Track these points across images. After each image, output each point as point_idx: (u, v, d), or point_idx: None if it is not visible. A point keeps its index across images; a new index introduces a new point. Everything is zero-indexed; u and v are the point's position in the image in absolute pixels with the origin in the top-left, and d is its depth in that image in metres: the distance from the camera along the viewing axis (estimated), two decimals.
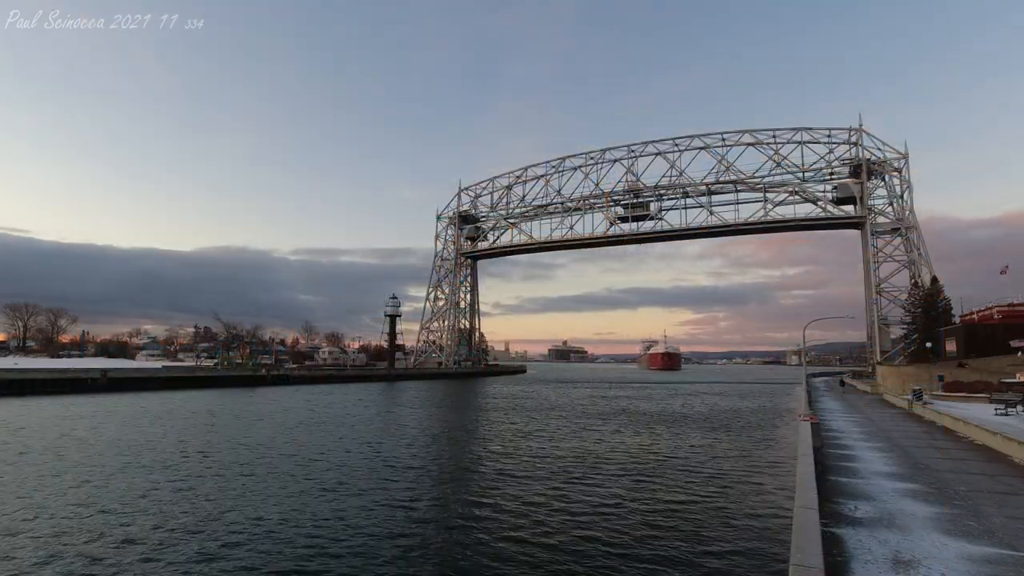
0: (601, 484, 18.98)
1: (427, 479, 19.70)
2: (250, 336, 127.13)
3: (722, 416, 43.43)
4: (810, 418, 18.83)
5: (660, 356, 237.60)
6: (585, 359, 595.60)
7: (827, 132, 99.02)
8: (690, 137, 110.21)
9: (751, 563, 11.56)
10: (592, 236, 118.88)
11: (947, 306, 66.26)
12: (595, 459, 23.85)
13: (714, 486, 18.76)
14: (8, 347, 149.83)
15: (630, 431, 33.64)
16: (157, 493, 16.78)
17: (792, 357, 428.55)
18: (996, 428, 18.38)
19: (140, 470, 20.09)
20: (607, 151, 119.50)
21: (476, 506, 16.06)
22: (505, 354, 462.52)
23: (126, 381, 63.78)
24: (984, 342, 46.87)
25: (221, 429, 31.69)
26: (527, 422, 38.00)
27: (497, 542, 12.90)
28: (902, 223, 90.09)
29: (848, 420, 27.25)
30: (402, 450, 25.57)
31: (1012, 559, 7.38)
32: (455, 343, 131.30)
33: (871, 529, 8.70)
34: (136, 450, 24.11)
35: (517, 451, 25.80)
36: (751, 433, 33.16)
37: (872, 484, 12.19)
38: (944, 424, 23.98)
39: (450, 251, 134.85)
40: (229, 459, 22.58)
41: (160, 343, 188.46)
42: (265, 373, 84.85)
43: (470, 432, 32.89)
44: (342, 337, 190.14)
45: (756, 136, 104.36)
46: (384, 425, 35.10)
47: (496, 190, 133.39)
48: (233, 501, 16.04)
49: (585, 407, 51.04)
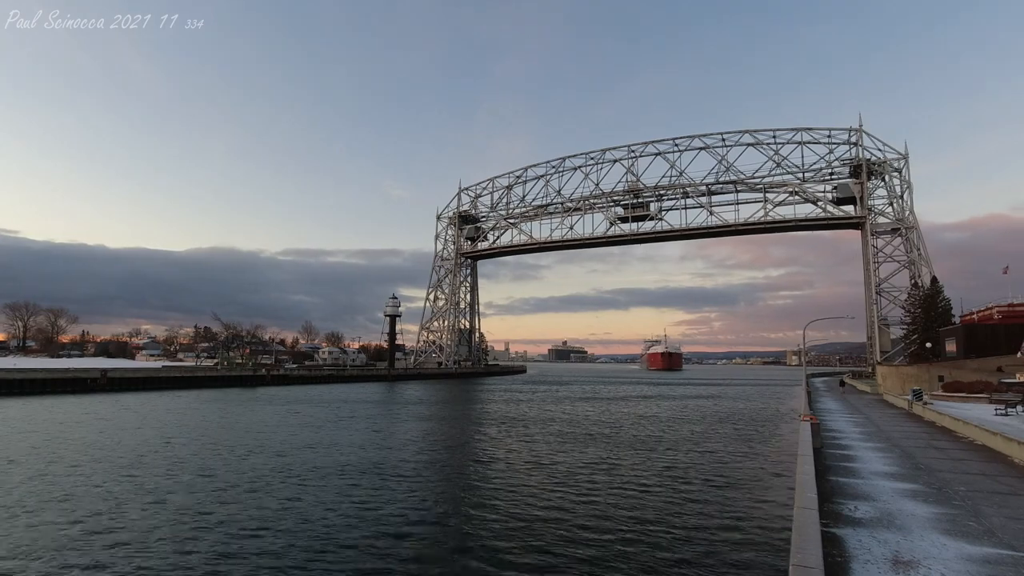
0: (601, 484, 18.98)
1: (429, 489, 19.69)
2: (250, 336, 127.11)
3: (733, 416, 43.43)
4: (810, 418, 18.83)
5: (661, 356, 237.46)
6: (585, 359, 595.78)
7: (827, 132, 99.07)
8: (690, 137, 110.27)
9: (751, 563, 11.55)
10: (592, 236, 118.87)
11: (947, 306, 66.23)
12: (595, 459, 23.86)
13: (714, 486, 18.75)
14: (8, 347, 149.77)
15: (629, 431, 33.64)
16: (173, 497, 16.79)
17: (792, 357, 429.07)
18: (996, 428, 18.36)
19: (132, 476, 20.09)
20: (607, 151, 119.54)
21: (473, 508, 16.06)
22: (505, 354, 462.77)
23: (126, 381, 63.78)
24: (984, 342, 46.85)
25: (215, 431, 31.69)
26: (524, 423, 37.98)
27: (496, 542, 12.89)
28: (902, 223, 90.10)
29: (848, 420, 27.22)
30: (399, 462, 25.55)
31: (1012, 559, 7.37)
32: (455, 343, 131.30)
33: (871, 529, 8.69)
34: (135, 453, 24.11)
35: (516, 450, 25.81)
36: (751, 433, 33.16)
37: (872, 484, 12.18)
38: (944, 424, 23.96)
39: (450, 251, 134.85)
40: (229, 461, 22.59)
41: (160, 343, 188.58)
42: (265, 373, 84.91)
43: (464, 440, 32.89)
44: (342, 337, 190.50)
45: (756, 136, 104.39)
46: (383, 439, 35.05)
47: (496, 190, 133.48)
48: (223, 505, 16.04)
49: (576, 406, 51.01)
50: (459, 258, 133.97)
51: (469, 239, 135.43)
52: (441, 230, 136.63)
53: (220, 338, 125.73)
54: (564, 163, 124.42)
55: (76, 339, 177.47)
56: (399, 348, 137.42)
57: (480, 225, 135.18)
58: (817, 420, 19.22)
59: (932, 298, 67.18)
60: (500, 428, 34.63)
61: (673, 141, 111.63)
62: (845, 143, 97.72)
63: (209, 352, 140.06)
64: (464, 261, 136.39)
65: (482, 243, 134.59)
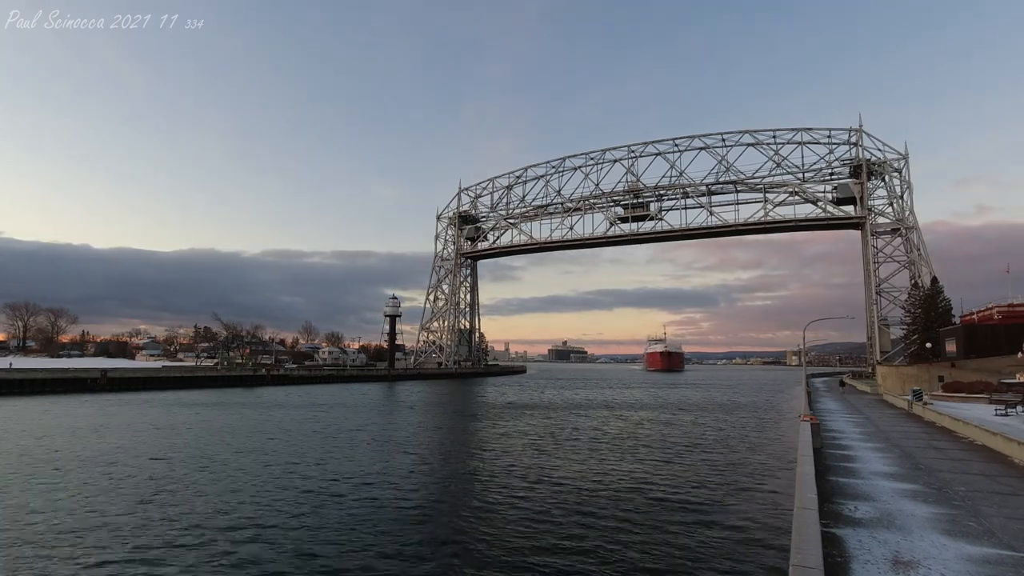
0: (600, 484, 18.96)
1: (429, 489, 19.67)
2: (250, 336, 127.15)
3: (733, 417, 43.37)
4: (810, 419, 18.82)
5: (660, 356, 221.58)
6: (586, 359, 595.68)
7: (827, 132, 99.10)
8: (690, 137, 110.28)
9: (751, 563, 11.55)
10: (592, 236, 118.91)
11: (947, 306, 66.22)
12: (592, 459, 23.84)
13: (714, 486, 18.74)
14: (8, 347, 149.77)
15: (628, 430, 33.62)
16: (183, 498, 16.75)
17: (792, 358, 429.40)
18: (996, 428, 18.35)
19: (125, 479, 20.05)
20: (607, 151, 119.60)
21: (471, 508, 16.06)
22: (505, 354, 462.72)
23: (126, 381, 63.78)
24: (984, 342, 46.81)
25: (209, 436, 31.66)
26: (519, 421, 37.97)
27: (495, 541, 12.88)
28: (902, 223, 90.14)
29: (848, 421, 27.21)
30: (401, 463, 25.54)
31: (1012, 560, 7.37)
32: (455, 343, 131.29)
33: (871, 529, 8.69)
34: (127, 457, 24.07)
35: (513, 450, 25.81)
36: (751, 433, 33.14)
37: (872, 484, 12.17)
38: (944, 424, 23.95)
39: (450, 251, 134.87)
40: (228, 464, 22.57)
41: (160, 343, 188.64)
42: (265, 373, 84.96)
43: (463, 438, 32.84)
44: (342, 337, 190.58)
45: (756, 136, 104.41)
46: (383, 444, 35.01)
47: (496, 190, 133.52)
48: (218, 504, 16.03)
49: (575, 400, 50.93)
50: (459, 258, 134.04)
51: (469, 239, 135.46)
52: (441, 230, 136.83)
53: (220, 338, 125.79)
54: (564, 163, 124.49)
55: (76, 339, 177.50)
56: (399, 348, 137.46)
57: (480, 225, 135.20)
58: (817, 420, 19.21)
59: (932, 298, 67.17)
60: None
61: (673, 141, 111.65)
62: (845, 143, 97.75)
63: (209, 352, 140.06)
64: (464, 261, 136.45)
65: (482, 243, 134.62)
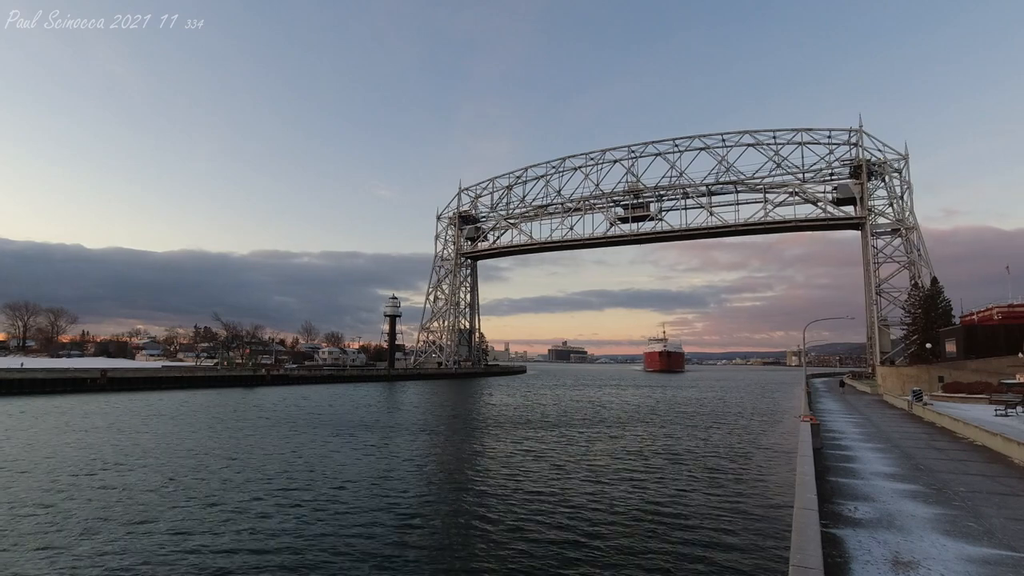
0: (599, 484, 18.97)
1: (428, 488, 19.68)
2: (250, 336, 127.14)
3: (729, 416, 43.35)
4: (810, 419, 18.83)
5: (659, 355, 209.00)
6: (586, 359, 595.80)
7: (827, 133, 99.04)
8: (690, 138, 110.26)
9: (752, 563, 11.55)
10: (592, 236, 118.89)
11: (947, 307, 66.19)
12: (591, 459, 23.84)
13: (715, 486, 18.74)
14: (8, 347, 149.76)
15: (627, 430, 33.61)
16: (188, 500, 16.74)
17: (792, 358, 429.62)
18: (996, 429, 18.35)
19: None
20: (607, 151, 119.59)
21: (469, 508, 16.06)
22: (505, 354, 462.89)
23: (126, 381, 63.78)
24: (984, 343, 46.79)
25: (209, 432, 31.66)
26: (518, 418, 37.97)
27: (497, 539, 12.89)
28: (902, 224, 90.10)
29: (848, 421, 27.21)
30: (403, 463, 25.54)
31: (1012, 560, 7.37)
32: (455, 343, 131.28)
33: (871, 530, 8.69)
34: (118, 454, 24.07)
35: (511, 450, 25.81)
36: (751, 433, 33.14)
37: (872, 485, 12.18)
38: (944, 425, 23.95)
39: (450, 251, 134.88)
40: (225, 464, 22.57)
41: (160, 343, 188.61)
42: (265, 373, 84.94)
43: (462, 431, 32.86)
44: (342, 337, 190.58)
45: (756, 137, 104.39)
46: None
47: (496, 190, 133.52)
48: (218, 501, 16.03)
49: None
50: (459, 258, 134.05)
51: (469, 239, 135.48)
52: (441, 230, 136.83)
53: (220, 338, 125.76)
54: (564, 163, 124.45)
55: (76, 339, 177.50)
56: (399, 348, 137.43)
57: (480, 225, 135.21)
58: (817, 420, 19.22)
59: (932, 299, 67.14)
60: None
61: (673, 141, 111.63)
62: (845, 143, 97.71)
63: (209, 352, 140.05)
64: (464, 261, 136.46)
65: (482, 243, 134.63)
